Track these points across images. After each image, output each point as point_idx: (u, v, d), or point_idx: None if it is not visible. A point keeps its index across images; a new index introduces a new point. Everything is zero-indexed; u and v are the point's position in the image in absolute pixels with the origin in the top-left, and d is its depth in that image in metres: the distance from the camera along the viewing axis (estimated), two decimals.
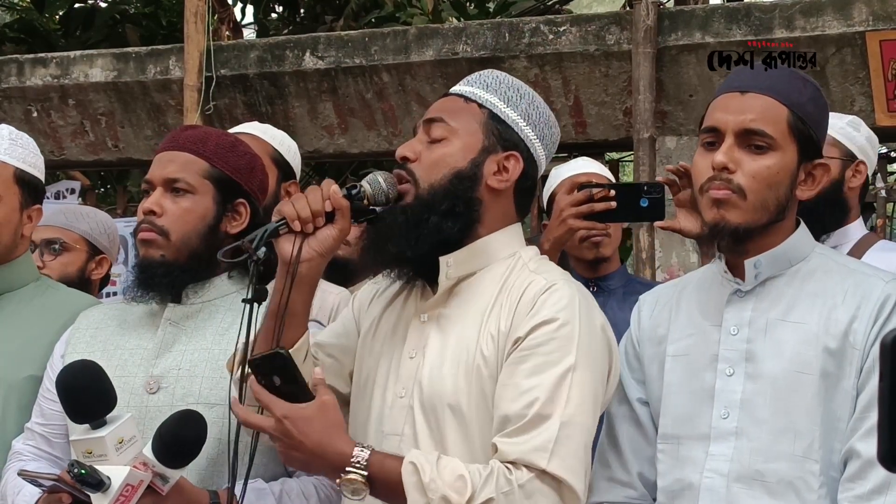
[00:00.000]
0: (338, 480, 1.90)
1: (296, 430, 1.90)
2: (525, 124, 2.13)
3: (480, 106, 2.12)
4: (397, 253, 2.05)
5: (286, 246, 1.99)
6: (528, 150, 2.13)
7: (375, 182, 2.04)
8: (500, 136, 2.11)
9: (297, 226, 1.97)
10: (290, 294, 1.99)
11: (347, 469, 1.89)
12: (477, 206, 2.07)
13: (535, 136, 2.14)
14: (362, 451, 1.91)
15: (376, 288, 2.24)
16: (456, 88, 2.17)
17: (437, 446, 1.98)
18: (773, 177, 1.98)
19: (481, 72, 2.21)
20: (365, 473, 1.89)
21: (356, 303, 2.27)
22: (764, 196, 1.98)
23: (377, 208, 2.07)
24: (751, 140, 1.98)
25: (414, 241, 2.03)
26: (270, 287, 2.48)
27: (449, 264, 2.05)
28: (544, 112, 2.18)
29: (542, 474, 1.89)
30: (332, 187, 2.00)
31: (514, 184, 2.11)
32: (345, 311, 2.30)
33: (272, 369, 1.92)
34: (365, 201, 2.04)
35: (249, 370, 1.94)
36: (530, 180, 2.15)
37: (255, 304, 1.95)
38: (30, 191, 2.62)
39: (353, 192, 2.02)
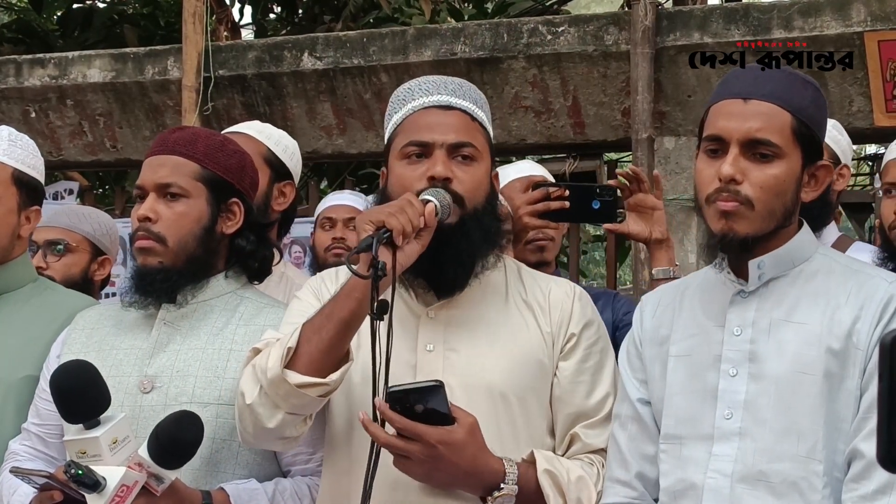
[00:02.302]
0: (489, 498, 2.02)
1: (450, 454, 1.94)
2: (491, 134, 2.26)
3: (481, 125, 2.21)
4: (469, 256, 2.13)
5: (382, 256, 1.93)
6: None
7: (444, 200, 2.07)
8: (492, 152, 2.24)
9: (400, 241, 1.96)
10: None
11: (502, 486, 2.01)
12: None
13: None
14: (511, 465, 2.03)
15: (334, 279, 2.23)
16: (457, 102, 2.19)
17: (487, 432, 2.04)
18: (780, 185, 1.98)
19: (455, 81, 2.24)
20: (517, 488, 2.02)
21: (322, 290, 2.22)
22: (772, 205, 1.98)
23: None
24: (756, 149, 1.97)
25: (484, 251, 2.16)
26: (274, 293, 2.48)
27: (481, 267, 2.18)
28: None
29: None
30: (427, 205, 2.02)
31: None
32: (305, 299, 2.22)
33: (418, 399, 1.89)
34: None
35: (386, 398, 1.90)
36: None
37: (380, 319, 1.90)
38: (28, 192, 2.61)
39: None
